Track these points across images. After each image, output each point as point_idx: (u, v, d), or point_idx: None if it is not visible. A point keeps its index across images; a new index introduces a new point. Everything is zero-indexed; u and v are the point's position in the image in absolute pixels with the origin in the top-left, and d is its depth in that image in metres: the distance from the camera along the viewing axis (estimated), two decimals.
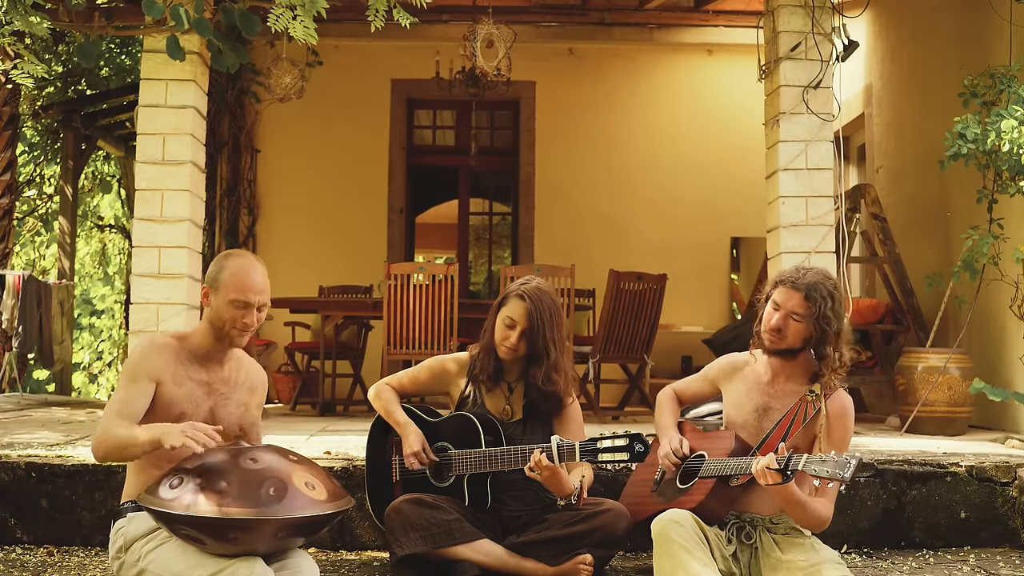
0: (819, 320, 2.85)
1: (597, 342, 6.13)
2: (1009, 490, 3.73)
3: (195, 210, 4.71)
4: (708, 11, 7.78)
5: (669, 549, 2.68)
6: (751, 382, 3.03)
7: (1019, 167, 4.33)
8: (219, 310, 2.72)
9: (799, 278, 2.89)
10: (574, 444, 2.96)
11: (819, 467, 2.50)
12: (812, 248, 4.69)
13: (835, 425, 2.86)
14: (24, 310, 6.86)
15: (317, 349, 6.81)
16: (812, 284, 2.86)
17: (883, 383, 5.87)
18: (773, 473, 2.58)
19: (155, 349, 2.72)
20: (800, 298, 2.86)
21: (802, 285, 2.87)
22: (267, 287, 2.76)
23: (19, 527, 3.61)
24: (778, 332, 2.90)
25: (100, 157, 10.36)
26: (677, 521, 2.72)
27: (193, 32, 4.24)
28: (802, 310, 2.86)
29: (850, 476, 2.44)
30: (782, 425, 2.88)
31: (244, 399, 2.85)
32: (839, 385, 2.92)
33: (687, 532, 2.70)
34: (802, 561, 2.75)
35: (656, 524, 2.74)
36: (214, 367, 2.79)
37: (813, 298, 2.85)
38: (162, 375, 2.70)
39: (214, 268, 2.76)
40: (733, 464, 2.80)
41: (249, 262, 2.77)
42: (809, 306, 2.85)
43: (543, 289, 3.22)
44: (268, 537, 2.46)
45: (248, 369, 2.91)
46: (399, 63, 8.64)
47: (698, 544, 2.71)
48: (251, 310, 2.71)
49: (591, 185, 8.76)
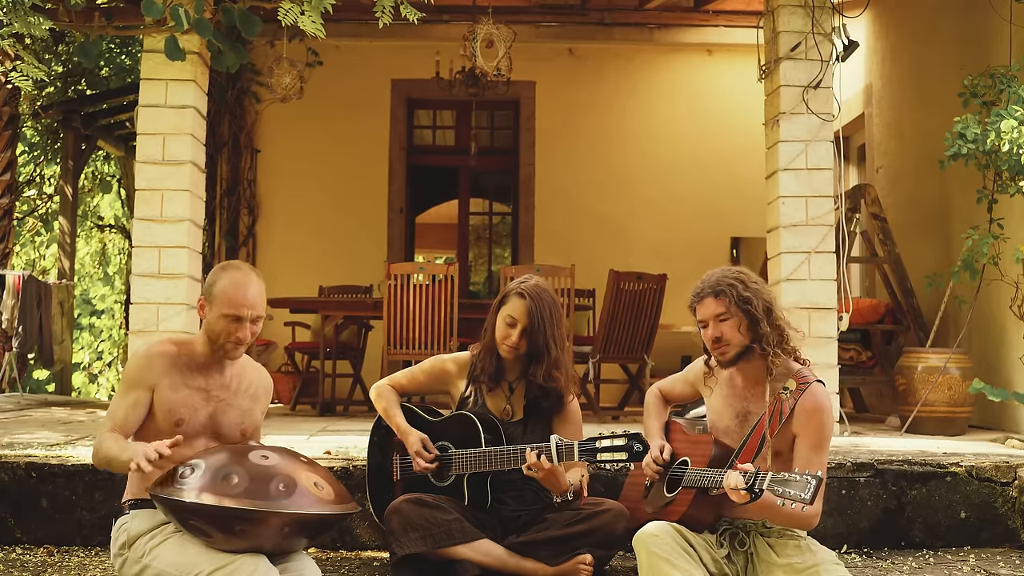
0: (740, 305, 2.82)
1: (597, 342, 6.13)
2: (1009, 490, 3.73)
3: (195, 210, 4.71)
4: (708, 11, 7.78)
5: (649, 562, 2.69)
6: (727, 388, 2.98)
7: (1019, 167, 4.33)
8: (213, 323, 2.73)
9: (700, 289, 2.90)
10: (572, 444, 2.96)
11: (783, 488, 2.47)
12: (812, 248, 4.69)
13: (808, 423, 2.77)
14: (24, 310, 6.87)
15: (317, 349, 6.81)
16: (714, 283, 2.86)
17: (883, 383, 5.87)
18: (741, 493, 2.57)
19: (150, 358, 2.74)
20: (711, 299, 2.86)
21: (706, 290, 2.87)
22: (261, 300, 2.74)
23: (19, 527, 3.61)
24: (719, 341, 2.86)
25: (100, 157, 10.36)
26: (654, 534, 2.72)
27: (193, 32, 4.25)
28: (721, 308, 2.84)
29: (810, 498, 2.40)
30: (758, 430, 2.83)
31: (246, 405, 2.85)
32: (813, 378, 2.84)
33: (665, 542, 2.70)
34: (799, 563, 2.74)
35: (636, 539, 2.75)
36: (213, 374, 2.79)
37: (721, 291, 2.84)
38: (158, 383, 2.71)
39: (210, 279, 2.77)
40: (709, 476, 2.75)
41: (244, 275, 2.74)
42: (723, 300, 2.84)
43: (542, 286, 3.22)
44: (274, 532, 2.47)
45: (252, 376, 2.91)
46: (399, 63, 8.64)
47: (679, 553, 2.70)
48: (244, 324, 2.70)
49: (591, 185, 8.76)
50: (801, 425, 2.77)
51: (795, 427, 2.78)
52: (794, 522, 2.75)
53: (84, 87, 9.07)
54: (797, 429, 2.78)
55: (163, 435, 2.64)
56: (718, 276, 2.89)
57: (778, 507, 2.60)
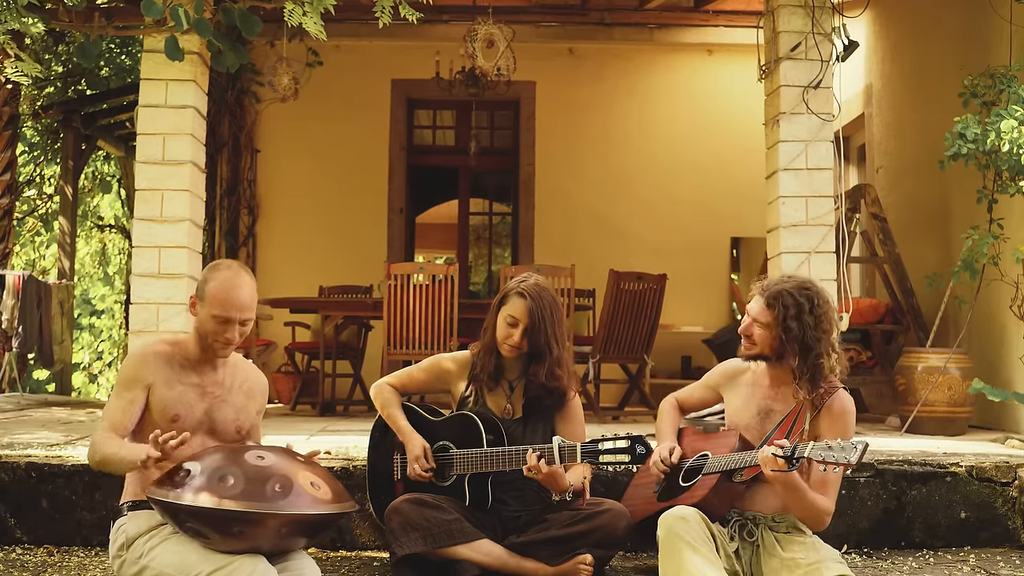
0: (782, 326, 2.82)
1: (597, 342, 6.13)
2: (1009, 490, 3.73)
3: (195, 210, 4.71)
4: (708, 11, 7.79)
5: (675, 546, 2.70)
6: (751, 386, 3.04)
7: (1019, 167, 4.33)
8: (203, 322, 2.74)
9: (769, 286, 2.90)
10: (575, 445, 2.96)
11: (825, 453, 2.51)
12: (812, 248, 4.69)
13: (834, 424, 2.85)
14: (24, 310, 6.86)
15: (317, 349, 6.82)
16: (777, 292, 2.86)
17: (883, 383, 5.87)
18: (779, 460, 2.59)
19: (144, 357, 2.76)
20: (762, 305, 2.87)
21: (767, 293, 2.87)
22: (252, 302, 2.74)
23: (19, 527, 3.61)
24: (747, 338, 2.94)
25: (100, 157, 10.35)
26: (683, 517, 2.73)
27: (193, 32, 4.25)
28: (763, 317, 2.87)
29: (856, 460, 2.44)
30: (783, 426, 2.88)
31: (240, 402, 2.86)
32: (840, 385, 2.90)
33: (693, 529, 2.72)
34: (802, 559, 2.76)
35: (663, 521, 2.75)
36: (207, 371, 2.81)
37: (774, 306, 2.84)
38: (153, 381, 2.73)
39: (203, 278, 2.78)
40: (737, 458, 2.80)
41: (235, 275, 2.74)
42: (770, 313, 2.85)
43: (542, 285, 3.23)
44: (271, 533, 2.47)
45: (246, 373, 2.92)
46: (399, 63, 8.64)
47: (704, 541, 2.72)
48: (233, 326, 2.71)
49: (591, 185, 8.76)
50: (827, 426, 2.84)
51: (821, 427, 2.84)
52: (811, 513, 2.77)
53: (84, 87, 9.06)
54: (822, 430, 2.84)
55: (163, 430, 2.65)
56: (788, 287, 2.87)
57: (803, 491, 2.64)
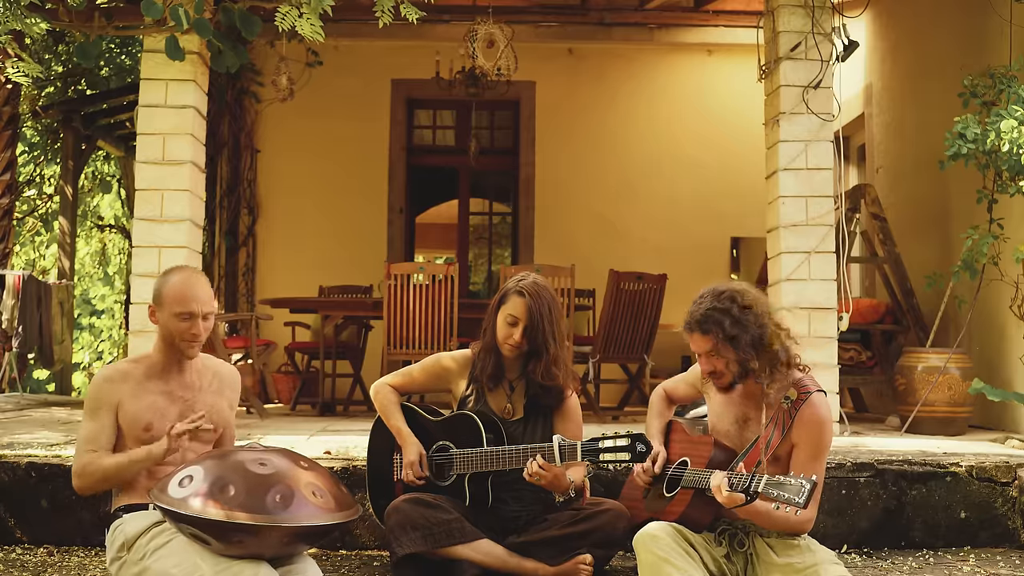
0: (728, 342, 2.74)
1: (597, 342, 6.13)
2: (1009, 490, 3.74)
3: (195, 210, 4.71)
4: (708, 11, 7.78)
5: (650, 562, 2.70)
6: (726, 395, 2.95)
7: (1019, 167, 4.33)
8: (166, 324, 2.80)
9: (691, 318, 2.79)
10: (575, 444, 2.96)
11: (777, 491, 2.45)
12: (812, 248, 4.69)
13: (807, 434, 2.75)
14: (24, 310, 6.87)
15: (317, 349, 6.81)
16: (702, 316, 2.76)
17: (883, 383, 5.86)
18: (735, 495, 2.55)
19: (106, 379, 2.81)
20: (699, 337, 2.78)
21: (693, 324, 2.78)
22: (210, 297, 2.83)
23: (19, 527, 3.61)
24: (713, 375, 2.82)
25: (100, 157, 10.35)
26: (654, 535, 2.73)
27: (193, 32, 4.25)
28: (708, 344, 2.76)
29: (804, 502, 2.39)
30: (763, 437, 2.82)
31: (211, 401, 2.90)
32: (813, 388, 2.80)
33: (665, 543, 2.71)
34: (798, 563, 2.74)
35: (636, 539, 2.76)
36: (174, 376, 2.86)
37: (709, 329, 2.75)
38: (119, 399, 2.78)
39: (156, 285, 2.86)
40: (706, 478, 2.74)
41: (189, 274, 2.86)
42: (710, 337, 2.75)
43: (540, 283, 3.23)
44: (273, 543, 2.48)
45: (215, 372, 2.97)
46: (399, 63, 8.64)
47: (679, 553, 2.70)
48: (196, 320, 2.78)
49: (591, 185, 8.76)
50: (800, 436, 2.76)
51: (794, 437, 2.77)
52: (787, 528, 2.74)
53: (84, 87, 9.06)
54: (796, 439, 2.77)
55: (137, 444, 2.74)
56: (706, 307, 2.77)
57: (770, 512, 2.60)
